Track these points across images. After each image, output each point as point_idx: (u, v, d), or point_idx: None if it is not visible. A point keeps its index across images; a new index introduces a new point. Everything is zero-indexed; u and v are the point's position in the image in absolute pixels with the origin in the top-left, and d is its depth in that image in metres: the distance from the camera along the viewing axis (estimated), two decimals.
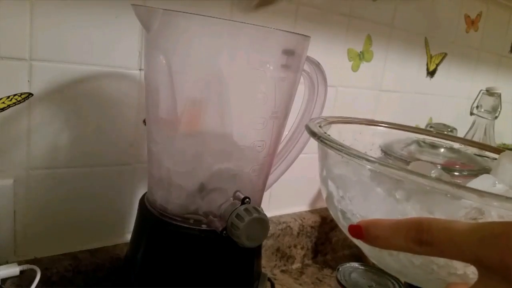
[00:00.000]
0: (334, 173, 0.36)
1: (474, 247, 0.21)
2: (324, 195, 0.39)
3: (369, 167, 0.30)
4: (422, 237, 0.22)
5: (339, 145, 0.32)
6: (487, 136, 0.80)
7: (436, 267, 0.28)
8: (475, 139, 0.78)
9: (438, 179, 0.26)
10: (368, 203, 0.33)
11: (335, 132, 0.43)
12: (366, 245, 0.26)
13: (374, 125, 0.52)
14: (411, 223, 0.23)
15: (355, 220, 0.28)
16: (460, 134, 0.80)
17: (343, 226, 0.36)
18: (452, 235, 0.22)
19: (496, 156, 0.49)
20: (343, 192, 0.35)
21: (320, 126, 0.38)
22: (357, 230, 0.25)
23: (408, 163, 0.71)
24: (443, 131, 0.75)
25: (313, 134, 0.36)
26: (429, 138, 0.56)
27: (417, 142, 0.79)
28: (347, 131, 0.47)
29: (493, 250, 0.20)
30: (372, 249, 0.30)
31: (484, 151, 0.52)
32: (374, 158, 0.29)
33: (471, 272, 0.25)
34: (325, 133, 0.36)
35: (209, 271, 0.41)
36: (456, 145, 0.55)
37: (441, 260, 0.27)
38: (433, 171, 0.43)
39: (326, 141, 0.33)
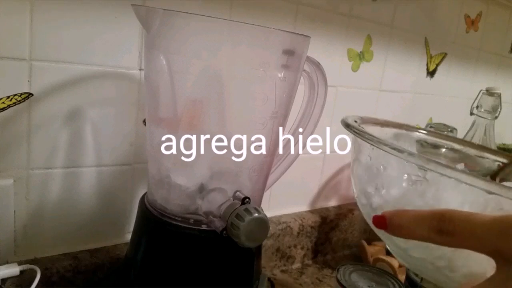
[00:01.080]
0: (363, 164, 0.37)
1: (494, 238, 0.21)
2: (354, 187, 0.40)
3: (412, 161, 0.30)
4: (443, 227, 0.23)
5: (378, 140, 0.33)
6: (487, 136, 0.80)
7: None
8: (475, 139, 0.78)
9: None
10: (395, 191, 0.33)
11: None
12: (391, 238, 0.27)
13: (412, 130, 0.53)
14: (434, 214, 0.24)
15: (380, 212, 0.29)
16: (460, 134, 0.80)
17: (368, 216, 0.36)
18: (473, 226, 0.22)
19: (495, 158, 0.49)
20: (373, 184, 0.36)
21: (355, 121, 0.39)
22: (381, 220, 0.26)
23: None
24: (443, 131, 0.75)
25: (348, 127, 0.37)
26: (431, 139, 0.56)
27: (420, 142, 0.79)
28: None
29: None
30: (397, 246, 0.30)
31: (484, 152, 0.52)
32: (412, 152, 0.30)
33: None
34: (361, 127, 0.37)
35: (209, 271, 0.41)
36: (457, 146, 0.55)
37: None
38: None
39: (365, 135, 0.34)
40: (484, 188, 0.26)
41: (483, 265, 0.25)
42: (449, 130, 0.79)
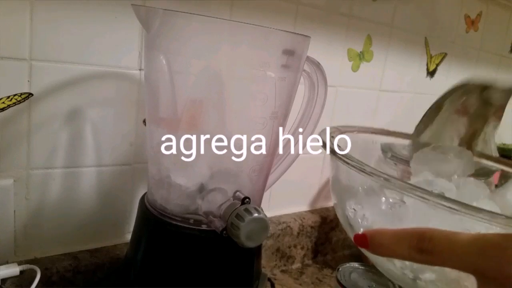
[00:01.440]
0: (343, 184, 0.37)
1: (474, 257, 0.21)
2: (334, 201, 0.40)
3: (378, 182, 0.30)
4: (423, 246, 0.23)
5: (352, 160, 0.32)
6: (487, 136, 0.79)
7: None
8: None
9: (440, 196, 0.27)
10: (374, 213, 0.33)
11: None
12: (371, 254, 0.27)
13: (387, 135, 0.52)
14: (414, 232, 0.24)
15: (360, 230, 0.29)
16: None
17: (348, 231, 0.36)
18: (453, 245, 0.22)
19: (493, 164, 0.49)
20: (352, 203, 0.35)
21: (332, 137, 0.39)
22: (363, 239, 0.26)
23: (408, 162, 0.71)
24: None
25: (326, 147, 0.36)
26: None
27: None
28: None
29: (492, 260, 0.21)
30: (377, 258, 0.30)
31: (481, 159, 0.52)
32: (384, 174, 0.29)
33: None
34: (337, 145, 0.36)
35: (209, 271, 0.41)
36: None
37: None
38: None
39: (339, 156, 0.33)
40: (460, 210, 0.26)
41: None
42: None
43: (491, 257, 0.21)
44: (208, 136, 0.42)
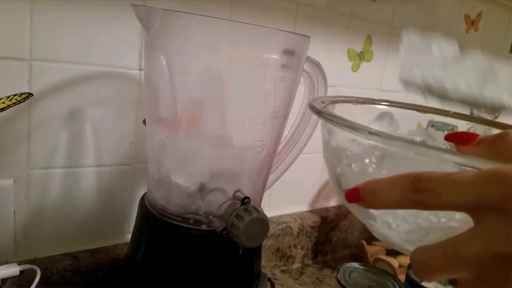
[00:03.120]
0: (332, 145, 0.36)
1: (477, 187, 0.20)
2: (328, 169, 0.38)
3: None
4: (419, 185, 0.21)
5: (339, 118, 0.31)
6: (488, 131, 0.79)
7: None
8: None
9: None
10: (364, 173, 0.32)
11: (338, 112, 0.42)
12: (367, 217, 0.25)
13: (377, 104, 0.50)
14: (409, 174, 0.22)
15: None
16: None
17: (342, 196, 0.35)
18: (453, 179, 0.21)
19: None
20: (343, 163, 0.34)
21: (324, 104, 0.38)
22: (354, 192, 0.24)
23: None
24: (443, 130, 0.75)
25: (315, 110, 0.35)
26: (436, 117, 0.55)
27: (431, 123, 0.78)
28: (350, 110, 0.46)
29: (497, 187, 0.19)
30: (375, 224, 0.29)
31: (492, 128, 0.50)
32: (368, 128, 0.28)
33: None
34: (325, 107, 0.35)
35: (209, 271, 0.41)
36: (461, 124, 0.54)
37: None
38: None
39: (327, 116, 0.32)
40: (448, 158, 0.24)
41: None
42: (449, 128, 0.78)
43: (495, 184, 0.19)
44: (208, 136, 0.42)
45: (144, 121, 0.53)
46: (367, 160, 0.33)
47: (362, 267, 0.55)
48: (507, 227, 0.19)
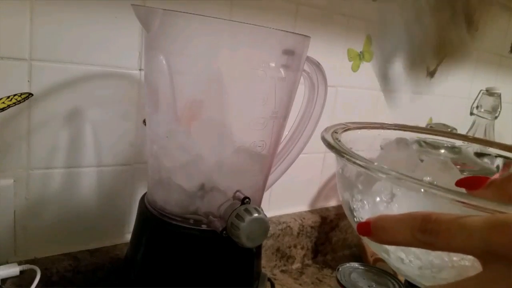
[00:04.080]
0: (345, 176, 0.36)
1: (485, 233, 0.20)
2: (341, 199, 0.39)
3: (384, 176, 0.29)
4: (428, 226, 0.22)
5: (353, 156, 0.31)
6: (487, 136, 0.80)
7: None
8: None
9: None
10: (376, 208, 0.33)
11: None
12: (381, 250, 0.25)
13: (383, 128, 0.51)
14: (418, 214, 0.23)
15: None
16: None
17: (354, 226, 0.35)
18: (462, 223, 0.21)
19: (501, 152, 0.49)
20: (356, 197, 0.35)
21: (336, 136, 0.37)
22: (365, 226, 0.25)
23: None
24: (443, 131, 0.75)
25: (330, 146, 0.35)
26: (430, 138, 0.56)
27: (418, 142, 0.79)
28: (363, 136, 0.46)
29: (506, 237, 0.20)
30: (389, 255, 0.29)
31: (488, 147, 0.51)
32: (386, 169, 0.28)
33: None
34: (338, 140, 0.35)
35: (209, 271, 0.41)
36: (458, 144, 0.55)
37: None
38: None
39: (343, 154, 0.32)
40: (451, 197, 0.25)
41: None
42: (449, 130, 0.79)
43: (503, 232, 0.20)
44: (208, 136, 0.42)
45: (144, 121, 0.53)
46: (378, 199, 0.33)
47: (362, 267, 0.55)
48: None
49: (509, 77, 1.14)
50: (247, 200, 0.39)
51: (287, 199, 0.73)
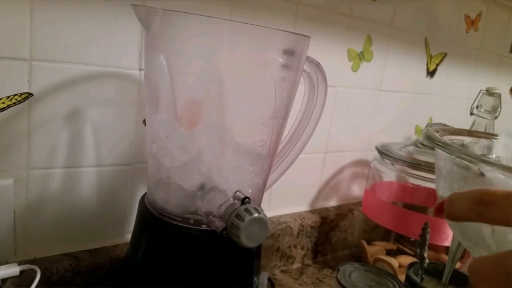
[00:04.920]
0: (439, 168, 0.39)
1: None
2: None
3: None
4: (483, 198, 0.23)
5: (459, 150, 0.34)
6: None
7: None
8: None
9: None
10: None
11: None
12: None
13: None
14: (480, 189, 0.24)
15: None
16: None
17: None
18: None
19: None
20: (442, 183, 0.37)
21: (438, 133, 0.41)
22: (440, 205, 0.27)
23: (406, 163, 0.71)
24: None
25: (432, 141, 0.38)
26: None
27: (415, 143, 0.79)
28: None
29: None
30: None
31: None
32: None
33: None
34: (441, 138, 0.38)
35: (209, 271, 0.41)
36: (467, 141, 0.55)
37: None
38: None
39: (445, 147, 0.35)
40: None
41: None
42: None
43: None
44: (208, 136, 0.42)
45: (144, 121, 0.53)
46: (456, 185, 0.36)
47: (362, 267, 0.55)
48: None
49: (509, 77, 1.14)
50: (247, 200, 0.39)
51: (287, 199, 0.73)
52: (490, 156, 0.50)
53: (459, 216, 0.26)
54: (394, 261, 0.70)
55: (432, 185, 0.69)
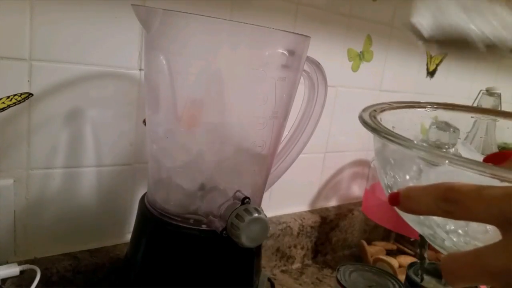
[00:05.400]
0: (381, 154, 0.38)
1: (504, 201, 0.21)
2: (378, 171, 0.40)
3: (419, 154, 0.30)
4: (450, 195, 0.23)
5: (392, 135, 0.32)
6: (488, 136, 0.80)
7: None
8: (476, 139, 0.78)
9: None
10: (406, 184, 0.34)
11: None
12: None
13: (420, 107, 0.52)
14: (442, 184, 0.24)
15: None
16: (461, 134, 0.80)
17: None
18: (481, 193, 0.22)
19: None
20: (389, 173, 0.36)
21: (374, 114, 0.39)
22: (395, 196, 0.26)
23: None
24: (445, 131, 0.75)
25: (366, 125, 0.36)
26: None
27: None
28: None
29: None
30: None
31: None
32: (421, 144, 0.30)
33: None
34: (376, 118, 0.36)
35: (209, 271, 0.41)
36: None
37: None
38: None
39: (381, 133, 0.33)
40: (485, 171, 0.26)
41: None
42: (451, 129, 0.78)
43: None
44: (208, 136, 0.42)
45: (144, 121, 0.53)
46: (407, 176, 0.35)
47: (362, 267, 0.55)
48: None
49: (509, 77, 1.14)
50: (247, 200, 0.39)
51: (287, 199, 0.73)
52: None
53: (422, 211, 0.25)
54: (394, 261, 0.70)
55: None
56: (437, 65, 0.92)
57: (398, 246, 0.79)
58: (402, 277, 0.58)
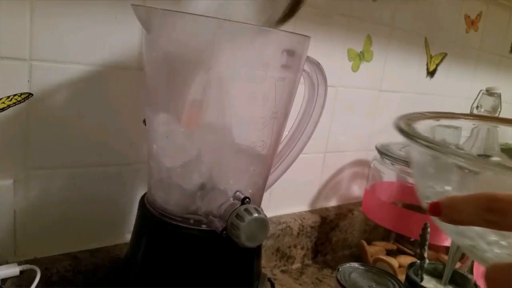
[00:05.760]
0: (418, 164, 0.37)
1: None
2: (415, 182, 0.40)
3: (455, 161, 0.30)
4: (493, 205, 0.22)
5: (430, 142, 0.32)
6: (489, 136, 0.80)
7: None
8: (477, 139, 0.78)
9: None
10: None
11: None
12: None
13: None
14: (484, 193, 0.23)
15: None
16: (461, 134, 0.80)
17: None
18: None
19: None
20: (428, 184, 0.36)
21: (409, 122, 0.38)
22: (436, 206, 0.26)
23: (406, 163, 0.71)
24: (449, 127, 0.75)
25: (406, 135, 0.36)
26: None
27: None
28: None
29: None
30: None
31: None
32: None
33: None
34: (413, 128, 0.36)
35: (209, 271, 0.41)
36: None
37: None
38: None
39: (419, 140, 0.33)
40: None
41: None
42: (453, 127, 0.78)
43: None
44: (208, 136, 0.42)
45: (144, 121, 0.53)
46: (447, 188, 0.34)
47: (362, 267, 0.55)
48: None
49: (509, 77, 1.14)
50: (247, 200, 0.39)
51: (287, 199, 0.73)
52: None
53: (464, 222, 0.25)
54: (394, 261, 0.70)
55: None
56: (437, 65, 0.92)
57: (398, 246, 0.79)
58: (402, 277, 0.58)
